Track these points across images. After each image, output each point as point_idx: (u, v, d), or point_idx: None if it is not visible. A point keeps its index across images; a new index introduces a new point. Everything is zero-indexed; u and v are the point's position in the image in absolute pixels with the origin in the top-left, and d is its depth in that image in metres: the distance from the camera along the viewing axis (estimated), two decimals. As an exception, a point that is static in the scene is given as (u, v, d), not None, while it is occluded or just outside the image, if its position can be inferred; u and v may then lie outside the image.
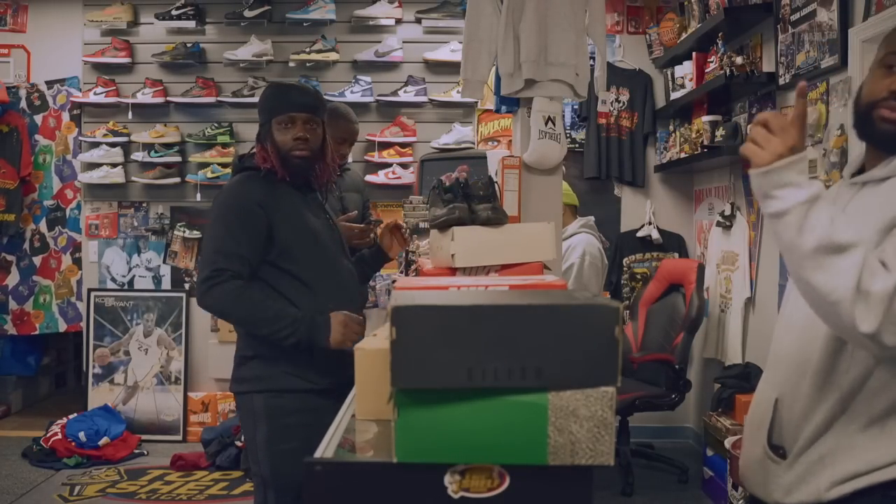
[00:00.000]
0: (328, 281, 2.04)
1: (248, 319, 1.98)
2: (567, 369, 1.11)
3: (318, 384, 2.00)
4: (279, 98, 2.08)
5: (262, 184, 2.03)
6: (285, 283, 2.00)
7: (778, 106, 3.37)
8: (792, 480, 1.33)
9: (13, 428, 4.57)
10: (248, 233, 1.96)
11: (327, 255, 2.08)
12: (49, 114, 4.68)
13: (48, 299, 4.70)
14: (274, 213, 1.98)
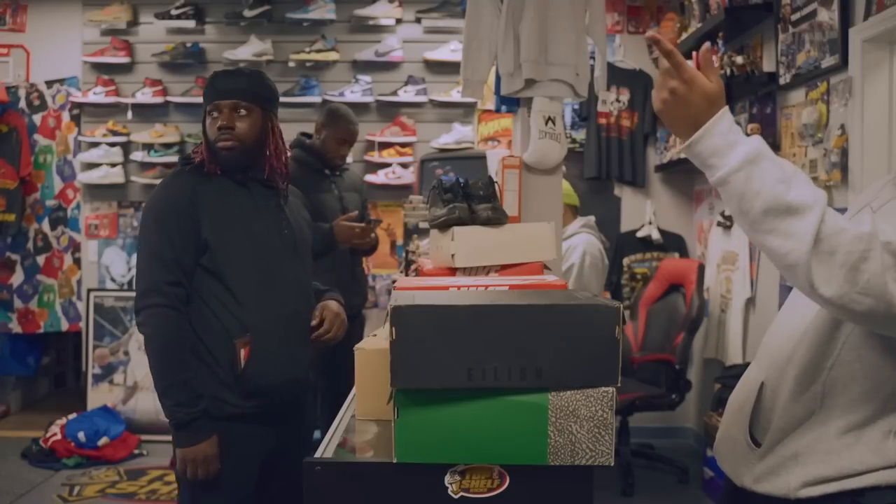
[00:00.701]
0: (264, 293, 1.82)
1: (156, 367, 1.77)
2: (567, 369, 1.10)
3: (244, 408, 1.81)
4: (208, 86, 1.90)
5: (195, 179, 1.84)
6: (214, 293, 1.80)
7: (778, 105, 3.36)
8: (763, 470, 1.32)
9: (12, 428, 4.56)
10: (182, 234, 1.78)
11: (266, 260, 1.84)
12: (48, 114, 4.68)
13: (52, 298, 4.71)
14: (202, 212, 1.80)
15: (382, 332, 1.63)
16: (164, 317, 1.76)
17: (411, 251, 2.69)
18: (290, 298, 1.88)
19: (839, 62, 2.79)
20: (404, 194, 4.29)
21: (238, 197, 1.86)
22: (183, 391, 1.74)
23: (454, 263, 1.61)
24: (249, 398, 1.80)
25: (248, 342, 1.78)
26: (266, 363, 1.80)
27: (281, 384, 1.84)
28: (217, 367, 1.79)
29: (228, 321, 1.79)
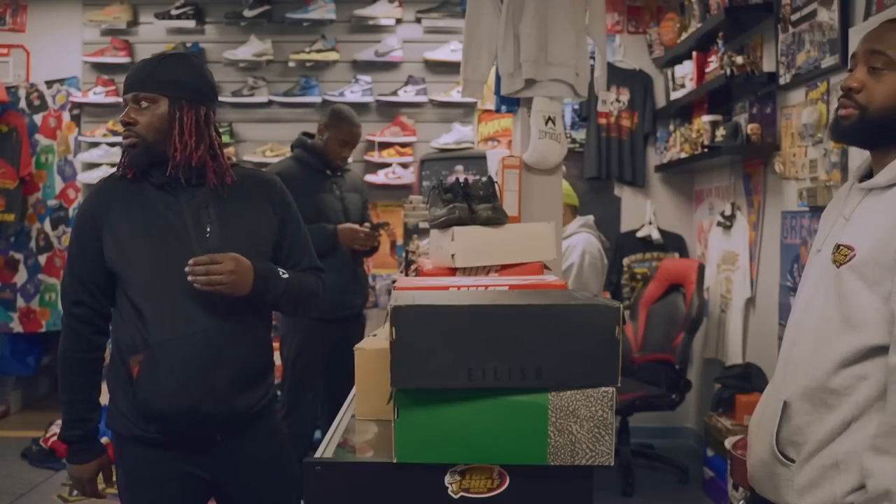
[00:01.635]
0: (168, 308, 1.63)
1: (62, 379, 1.77)
2: (567, 369, 1.10)
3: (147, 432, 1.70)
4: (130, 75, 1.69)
5: (111, 188, 1.69)
6: (124, 308, 1.68)
7: (778, 105, 3.37)
8: (804, 483, 1.33)
9: (12, 428, 4.56)
10: (85, 247, 1.68)
11: (177, 273, 1.59)
12: (49, 114, 4.68)
13: (54, 297, 4.71)
14: (104, 225, 1.65)
15: (382, 332, 1.63)
16: (65, 335, 1.74)
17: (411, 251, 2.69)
18: (200, 315, 1.63)
19: (839, 62, 2.79)
20: (404, 194, 4.29)
21: (151, 202, 1.66)
22: (70, 411, 1.75)
23: (454, 263, 1.61)
24: (149, 422, 1.67)
25: (139, 361, 1.64)
26: (156, 386, 1.63)
27: (173, 411, 1.63)
28: (127, 386, 1.70)
29: (135, 338, 1.65)
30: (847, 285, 1.30)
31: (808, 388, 1.33)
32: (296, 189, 3.11)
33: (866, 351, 1.27)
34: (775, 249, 3.41)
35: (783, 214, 3.33)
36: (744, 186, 3.78)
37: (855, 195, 1.38)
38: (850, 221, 1.35)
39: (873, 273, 1.27)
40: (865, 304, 1.28)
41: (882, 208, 1.29)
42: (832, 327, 1.31)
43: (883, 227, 1.27)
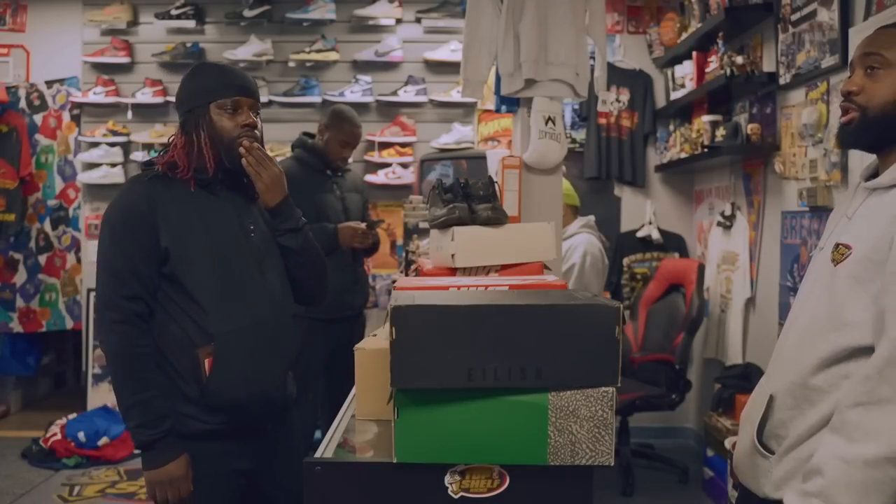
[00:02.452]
0: (229, 301, 1.68)
1: (117, 388, 1.66)
2: (567, 369, 1.10)
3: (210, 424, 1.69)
4: (220, 78, 1.74)
5: (152, 185, 1.70)
6: (176, 303, 1.68)
7: (778, 105, 3.37)
8: (781, 475, 1.36)
9: (12, 428, 4.56)
10: (139, 243, 1.65)
11: (231, 267, 1.70)
12: (49, 114, 4.68)
13: (54, 297, 4.71)
14: (161, 218, 1.67)
15: (382, 332, 1.63)
16: (122, 333, 1.64)
17: (411, 251, 2.69)
18: (258, 307, 1.72)
19: (839, 62, 2.79)
20: (404, 194, 4.29)
21: (199, 200, 1.72)
22: (144, 412, 1.62)
23: (454, 263, 1.61)
24: (215, 413, 1.67)
25: (210, 352, 1.65)
26: (231, 375, 1.66)
27: (248, 398, 1.69)
28: (181, 382, 1.66)
29: (192, 332, 1.65)
30: (840, 284, 1.31)
31: (793, 383, 1.36)
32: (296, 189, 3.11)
33: (850, 351, 1.29)
34: (775, 249, 3.41)
35: (783, 214, 3.33)
36: (744, 186, 3.79)
37: (860, 195, 1.39)
38: (851, 221, 1.37)
39: (866, 271, 1.28)
40: (855, 303, 1.29)
41: (882, 207, 1.30)
42: (820, 325, 1.34)
43: (880, 226, 1.28)
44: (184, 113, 1.74)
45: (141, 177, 1.73)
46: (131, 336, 1.64)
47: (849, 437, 1.21)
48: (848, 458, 1.19)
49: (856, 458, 1.19)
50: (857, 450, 1.19)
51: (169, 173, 1.71)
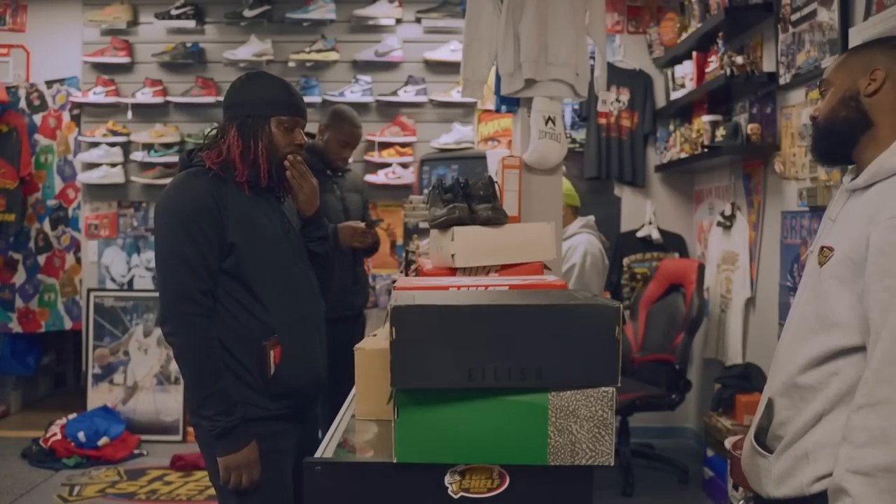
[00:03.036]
0: (284, 295, 1.81)
1: (193, 379, 1.72)
2: (567, 369, 1.10)
3: (273, 410, 1.79)
4: (284, 95, 1.85)
5: (211, 182, 1.77)
6: (236, 298, 1.76)
7: (778, 105, 3.37)
8: (779, 473, 1.39)
9: (12, 428, 4.56)
10: (208, 238, 1.72)
11: (282, 263, 1.83)
12: (49, 114, 4.68)
13: (53, 297, 4.71)
14: (226, 215, 1.75)
15: (382, 332, 1.64)
16: (198, 326, 1.70)
17: (411, 251, 2.69)
18: (306, 299, 1.87)
19: (839, 62, 2.79)
20: (404, 194, 4.29)
21: (250, 200, 1.81)
22: (223, 400, 1.69)
23: (454, 263, 1.61)
24: (278, 400, 1.78)
25: (276, 343, 1.75)
26: (295, 364, 1.79)
27: (308, 384, 1.85)
28: (244, 373, 1.75)
29: (253, 325, 1.75)
30: (825, 285, 1.36)
31: (786, 384, 1.41)
32: None
33: (838, 351, 1.32)
34: (775, 249, 3.41)
35: (783, 214, 3.33)
36: (744, 186, 3.78)
37: (841, 197, 1.45)
38: (835, 223, 1.42)
39: (848, 271, 1.32)
40: (840, 303, 1.32)
41: (860, 208, 1.35)
42: (809, 326, 1.38)
43: (857, 226, 1.32)
44: (242, 117, 1.80)
45: (199, 173, 1.78)
46: (208, 329, 1.71)
47: (854, 443, 1.23)
48: (865, 469, 1.20)
49: (874, 469, 1.20)
50: (870, 458, 1.20)
51: (221, 172, 1.77)
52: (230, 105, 1.84)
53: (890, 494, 1.18)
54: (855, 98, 1.41)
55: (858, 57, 1.45)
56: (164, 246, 1.74)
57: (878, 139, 1.39)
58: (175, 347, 1.71)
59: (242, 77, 1.89)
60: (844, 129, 1.43)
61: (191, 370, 1.71)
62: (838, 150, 1.47)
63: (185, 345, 1.70)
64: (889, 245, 1.25)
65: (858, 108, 1.41)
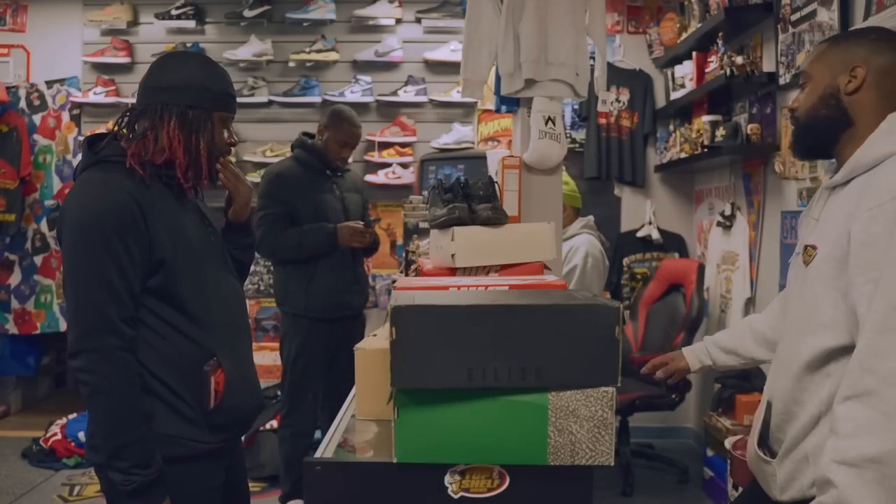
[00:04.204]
0: (217, 310, 1.58)
1: (108, 424, 1.44)
2: (567, 369, 1.10)
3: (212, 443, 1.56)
4: (226, 87, 1.62)
5: (130, 181, 1.49)
6: (165, 319, 1.51)
7: (778, 106, 3.36)
8: (784, 479, 1.40)
9: (13, 428, 4.56)
10: (132, 256, 1.45)
11: (210, 275, 1.59)
12: (48, 114, 4.68)
13: (49, 299, 4.70)
14: (154, 226, 1.48)
15: (382, 332, 1.63)
16: (120, 362, 1.43)
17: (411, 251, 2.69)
18: (237, 313, 1.66)
19: (839, 62, 2.79)
20: (404, 194, 4.29)
21: (172, 202, 1.56)
22: (142, 449, 1.43)
23: (454, 263, 1.61)
24: (218, 432, 1.55)
25: (217, 367, 1.53)
26: (238, 390, 1.57)
27: (251, 411, 1.64)
28: (179, 404, 1.50)
29: (187, 349, 1.51)
30: (810, 284, 1.36)
31: (784, 387, 1.40)
32: (296, 189, 3.13)
33: (828, 352, 1.32)
34: (775, 249, 3.41)
35: (783, 214, 3.33)
36: (744, 186, 3.78)
37: (823, 196, 1.45)
38: (818, 222, 1.41)
39: (832, 269, 1.31)
40: (826, 302, 1.32)
41: (841, 203, 1.35)
42: (800, 328, 1.38)
43: (838, 223, 1.31)
44: (182, 107, 1.55)
45: (118, 172, 1.50)
46: (131, 365, 1.45)
47: (841, 434, 1.21)
48: (851, 460, 1.18)
49: (860, 459, 1.18)
50: (856, 449, 1.18)
51: (141, 171, 1.50)
52: (162, 89, 1.58)
53: (876, 485, 1.16)
54: (835, 96, 1.40)
55: (838, 50, 1.42)
56: (77, 263, 1.45)
57: (858, 137, 1.38)
58: (87, 386, 1.41)
59: (171, 55, 1.67)
60: (825, 127, 1.42)
61: (105, 415, 1.43)
62: (819, 147, 1.47)
63: (102, 385, 1.41)
64: (870, 236, 1.24)
65: (839, 107, 1.40)
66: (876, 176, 1.29)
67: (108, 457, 1.44)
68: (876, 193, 1.25)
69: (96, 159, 1.53)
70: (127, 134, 1.56)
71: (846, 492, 1.17)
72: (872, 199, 1.25)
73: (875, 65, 1.36)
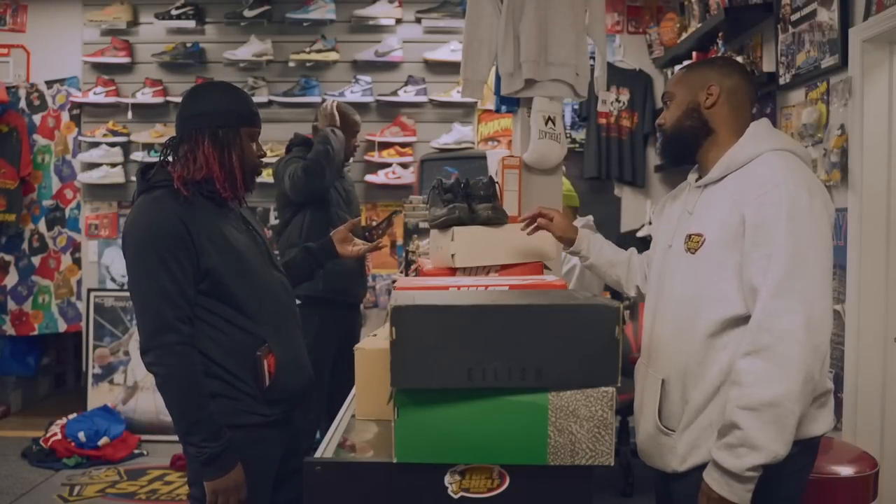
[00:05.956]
0: (266, 304, 1.82)
1: (179, 407, 1.70)
2: (567, 369, 1.11)
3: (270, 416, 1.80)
4: (249, 106, 1.85)
5: (177, 203, 1.74)
6: (219, 315, 1.76)
7: (779, 106, 3.37)
8: (685, 449, 1.54)
9: (13, 428, 4.56)
10: (182, 266, 1.70)
11: (258, 272, 1.83)
12: (48, 114, 4.68)
13: (47, 299, 4.70)
14: (198, 236, 1.72)
15: (382, 332, 1.64)
16: (181, 354, 1.69)
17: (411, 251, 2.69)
18: (285, 302, 1.89)
19: (839, 62, 2.79)
20: (404, 194, 4.30)
21: (218, 216, 1.80)
22: (210, 426, 1.69)
23: (454, 263, 1.61)
24: (275, 406, 1.79)
25: (269, 352, 1.77)
26: (288, 370, 1.80)
27: (303, 388, 1.87)
28: (240, 384, 1.75)
29: (242, 337, 1.76)
30: (703, 266, 1.53)
31: (679, 364, 1.55)
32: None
33: (725, 322, 1.49)
34: (775, 249, 3.41)
35: (783, 214, 3.33)
36: (744, 186, 3.78)
37: (693, 194, 1.66)
38: (693, 215, 1.61)
39: (721, 250, 1.50)
40: (720, 279, 1.50)
41: (721, 196, 1.55)
42: (692, 307, 1.54)
43: (725, 210, 1.52)
44: (212, 128, 1.76)
45: (163, 196, 1.74)
46: (191, 356, 1.70)
47: (742, 384, 1.40)
48: (752, 405, 1.38)
49: (759, 403, 1.37)
50: (755, 395, 1.38)
51: (185, 191, 1.73)
52: (193, 116, 1.79)
53: (772, 424, 1.37)
54: (697, 109, 1.64)
55: (695, 74, 1.68)
56: (138, 276, 1.72)
57: (719, 142, 1.62)
58: (159, 377, 1.70)
59: (198, 87, 1.88)
60: (690, 135, 1.66)
61: (176, 399, 1.70)
62: (685, 153, 1.69)
63: (169, 374, 1.69)
64: (761, 219, 1.45)
65: (700, 118, 1.64)
66: (752, 170, 1.53)
67: (183, 434, 1.70)
68: (760, 183, 1.48)
69: (148, 186, 1.78)
70: (172, 160, 1.80)
71: (749, 432, 1.38)
72: (758, 187, 1.48)
73: (725, 85, 1.63)
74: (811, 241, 1.43)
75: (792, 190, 1.45)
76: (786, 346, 1.38)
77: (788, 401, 1.37)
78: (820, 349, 1.41)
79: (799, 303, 1.39)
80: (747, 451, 1.38)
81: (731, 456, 1.40)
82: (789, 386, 1.37)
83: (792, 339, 1.38)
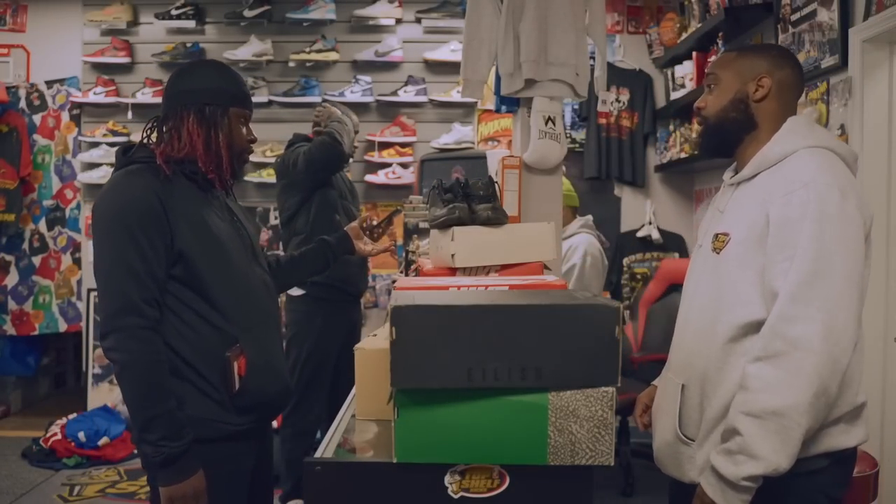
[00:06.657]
0: (242, 300, 1.65)
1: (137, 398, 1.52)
2: (567, 369, 1.11)
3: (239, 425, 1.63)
4: (240, 87, 1.71)
5: (155, 181, 1.58)
6: (190, 306, 1.59)
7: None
8: (704, 459, 1.46)
9: (13, 428, 4.56)
10: (153, 243, 1.54)
11: (236, 266, 1.66)
12: (48, 114, 4.68)
13: (48, 299, 4.70)
14: (175, 218, 1.57)
15: (382, 332, 1.64)
16: (144, 340, 1.51)
17: (411, 251, 2.69)
18: (264, 303, 1.72)
19: (839, 62, 2.79)
20: (404, 194, 4.30)
21: (201, 200, 1.66)
22: (169, 423, 1.50)
23: (454, 263, 1.61)
24: (245, 414, 1.62)
25: (240, 354, 1.60)
26: (261, 374, 1.63)
27: (275, 395, 1.69)
28: (207, 387, 1.58)
29: (212, 335, 1.59)
30: (725, 267, 1.47)
31: (699, 370, 1.49)
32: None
33: (745, 327, 1.41)
34: (775, 249, 3.41)
35: (783, 214, 3.33)
36: (744, 186, 3.78)
37: (727, 192, 1.58)
38: (724, 213, 1.54)
39: (746, 251, 1.43)
40: (742, 281, 1.43)
41: (750, 194, 1.48)
42: (713, 310, 1.48)
43: (751, 210, 1.44)
44: (199, 104, 1.64)
45: (140, 170, 1.60)
46: (154, 342, 1.53)
47: (749, 389, 1.34)
48: (756, 412, 1.32)
49: (763, 411, 1.31)
50: (761, 402, 1.32)
51: (167, 169, 1.59)
52: (180, 92, 1.65)
53: (775, 434, 1.31)
54: (745, 101, 1.53)
55: (746, 61, 1.55)
56: (104, 252, 1.56)
57: (759, 140, 1.52)
58: (117, 364, 1.52)
59: (188, 65, 1.75)
60: (732, 129, 1.55)
61: (135, 389, 1.52)
62: (722, 147, 1.59)
63: (129, 361, 1.51)
64: (786, 219, 1.37)
65: (747, 111, 1.53)
66: (784, 168, 1.44)
67: (139, 430, 1.52)
68: (788, 182, 1.40)
69: (126, 162, 1.64)
70: (154, 138, 1.67)
71: (749, 439, 1.32)
72: (786, 186, 1.39)
73: (777, 78, 1.51)
74: (838, 244, 1.34)
75: (822, 189, 1.35)
76: (799, 354, 1.30)
77: (795, 412, 1.30)
78: (840, 361, 1.31)
79: (818, 310, 1.31)
80: (746, 459, 1.32)
81: (728, 462, 1.34)
82: (798, 397, 1.30)
83: (806, 348, 1.30)
